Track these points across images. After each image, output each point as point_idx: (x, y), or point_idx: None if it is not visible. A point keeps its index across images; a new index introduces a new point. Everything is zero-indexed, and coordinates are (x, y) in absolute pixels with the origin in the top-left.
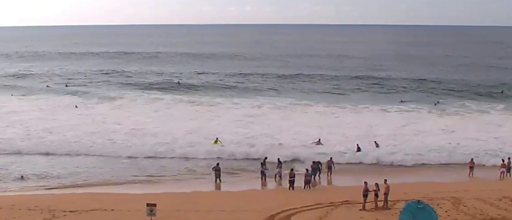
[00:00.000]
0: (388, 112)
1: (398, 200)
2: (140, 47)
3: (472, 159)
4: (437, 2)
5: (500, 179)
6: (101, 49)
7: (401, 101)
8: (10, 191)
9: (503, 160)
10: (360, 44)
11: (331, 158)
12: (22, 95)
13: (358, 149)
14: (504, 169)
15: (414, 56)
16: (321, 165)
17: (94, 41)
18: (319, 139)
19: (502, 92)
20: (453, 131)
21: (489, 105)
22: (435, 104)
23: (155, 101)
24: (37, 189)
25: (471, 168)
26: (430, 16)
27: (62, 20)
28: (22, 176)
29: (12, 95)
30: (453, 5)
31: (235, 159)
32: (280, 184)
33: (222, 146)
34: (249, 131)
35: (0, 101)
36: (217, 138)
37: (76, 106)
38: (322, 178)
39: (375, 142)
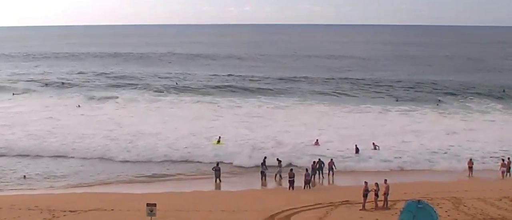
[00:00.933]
0: (389, 112)
1: (398, 200)
2: (140, 47)
3: (470, 159)
4: (437, 2)
5: (502, 178)
6: (101, 49)
7: (397, 100)
8: (11, 190)
9: (503, 160)
10: (360, 45)
11: (331, 159)
12: (23, 95)
13: (357, 151)
14: (504, 169)
15: (414, 56)
16: (323, 165)
17: (94, 41)
18: (317, 140)
19: (504, 91)
20: (454, 132)
21: (489, 105)
22: (437, 104)
23: (155, 101)
24: (38, 189)
25: (470, 168)
26: (430, 16)
27: (62, 20)
28: (24, 176)
29: (13, 94)
30: (453, 5)
31: (235, 160)
32: (280, 184)
33: (225, 145)
34: (250, 131)
35: (1, 100)
36: (219, 137)
37: (78, 106)
38: (322, 178)
39: (373, 143)
